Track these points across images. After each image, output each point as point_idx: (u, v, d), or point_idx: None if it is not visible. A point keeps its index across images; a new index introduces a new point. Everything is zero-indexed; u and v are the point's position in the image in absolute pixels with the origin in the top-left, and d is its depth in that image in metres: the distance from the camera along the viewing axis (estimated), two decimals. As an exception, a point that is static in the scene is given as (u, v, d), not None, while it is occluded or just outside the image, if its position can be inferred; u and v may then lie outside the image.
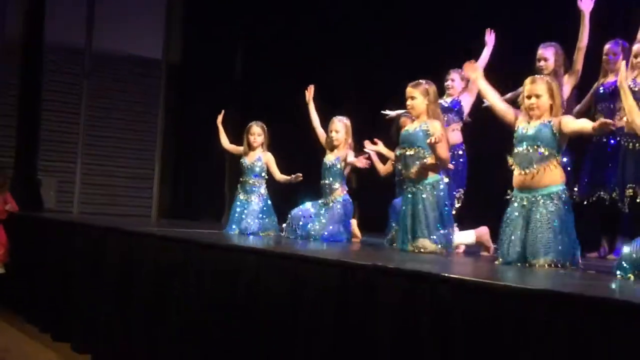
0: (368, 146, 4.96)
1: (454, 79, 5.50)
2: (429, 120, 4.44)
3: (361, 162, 5.15)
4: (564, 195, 3.69)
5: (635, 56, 4.93)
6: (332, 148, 5.41)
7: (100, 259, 5.12)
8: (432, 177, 4.39)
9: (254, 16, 9.13)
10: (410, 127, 4.54)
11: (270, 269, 3.54)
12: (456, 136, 5.40)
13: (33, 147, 8.69)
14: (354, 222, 5.65)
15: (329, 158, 5.40)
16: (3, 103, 8.71)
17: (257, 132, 5.74)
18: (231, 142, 5.98)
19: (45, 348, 5.29)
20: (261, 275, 3.58)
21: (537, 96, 3.73)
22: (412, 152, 4.42)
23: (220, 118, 5.97)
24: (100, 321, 4.90)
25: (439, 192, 4.38)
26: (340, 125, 5.38)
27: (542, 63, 4.99)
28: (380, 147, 4.86)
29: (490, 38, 5.26)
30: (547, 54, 5.01)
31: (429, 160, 4.38)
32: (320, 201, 5.39)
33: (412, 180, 4.42)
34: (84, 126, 9.12)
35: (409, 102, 4.50)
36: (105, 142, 9.23)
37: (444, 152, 4.37)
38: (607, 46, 4.99)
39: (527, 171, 3.69)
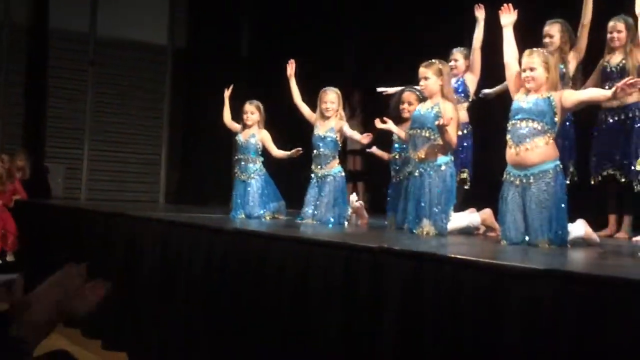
0: (378, 125, 4.92)
1: (457, 59, 5.48)
2: (442, 101, 4.42)
3: (365, 139, 5.11)
4: (557, 172, 3.67)
5: (611, 32, 4.89)
6: (324, 119, 5.38)
7: (108, 245, 5.14)
8: (440, 158, 4.38)
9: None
10: (422, 108, 4.50)
11: (278, 252, 3.55)
12: (462, 115, 5.38)
13: (40, 135, 8.72)
14: (360, 204, 5.64)
15: (322, 129, 5.35)
16: (10, 91, 8.73)
17: (250, 110, 5.73)
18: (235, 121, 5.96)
19: (56, 334, 5.31)
20: (269, 259, 3.58)
21: (532, 69, 3.71)
22: (422, 133, 4.40)
23: (228, 92, 5.95)
24: (108, 306, 4.93)
25: (447, 174, 4.36)
26: (334, 95, 5.34)
27: (547, 40, 4.98)
28: (390, 125, 4.83)
29: (480, 13, 5.24)
30: (553, 30, 4.99)
31: (439, 142, 4.36)
32: (312, 178, 5.35)
33: (421, 161, 4.40)
34: (90, 113, 9.13)
35: (422, 83, 4.46)
36: (112, 128, 9.25)
37: (452, 135, 4.34)
38: (610, 23, 4.95)
39: (520, 146, 3.67)
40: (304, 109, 5.52)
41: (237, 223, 5.01)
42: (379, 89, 5.59)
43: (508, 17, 3.99)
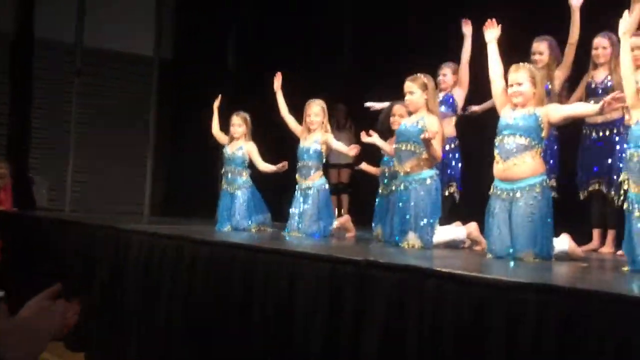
0: (364, 138, 4.94)
1: (445, 74, 5.53)
2: (426, 115, 4.44)
3: (352, 151, 5.12)
4: (543, 187, 3.69)
5: (596, 48, 4.94)
6: (309, 131, 5.36)
7: (93, 257, 5.10)
8: (425, 171, 4.39)
9: (246, 7, 9.11)
10: (407, 122, 4.52)
11: (263, 265, 3.53)
12: (450, 129, 5.41)
13: (25, 146, 8.65)
14: (347, 217, 5.64)
15: (307, 141, 5.34)
16: (-6, 101, 8.67)
17: (237, 122, 5.74)
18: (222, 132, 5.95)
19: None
20: (254, 272, 3.57)
21: (519, 84, 3.74)
22: (407, 147, 4.41)
23: (217, 102, 5.94)
24: (92, 319, 4.89)
25: (432, 187, 4.38)
26: (318, 108, 5.34)
27: (537, 56, 5.03)
28: (376, 138, 4.84)
29: (467, 28, 5.28)
30: (542, 47, 5.05)
31: (424, 156, 4.38)
32: (296, 191, 5.36)
33: (406, 175, 4.41)
34: (75, 124, 9.08)
35: (407, 97, 4.48)
36: (97, 139, 9.20)
37: (437, 149, 4.36)
38: (596, 40, 5.00)
39: (507, 161, 3.69)
40: (291, 121, 5.52)
41: (222, 235, 4.99)
42: (367, 104, 5.60)
43: (492, 33, 4.02)
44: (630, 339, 2.01)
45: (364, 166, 5.44)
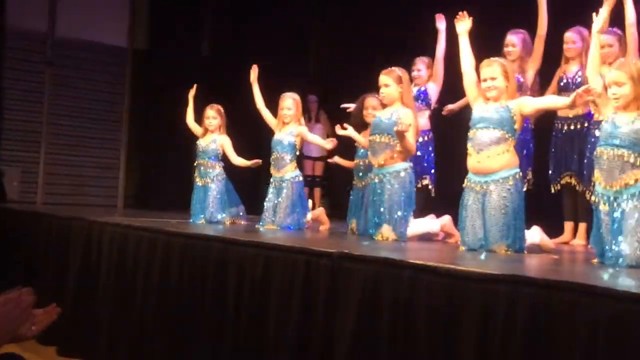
0: (338, 131, 4.95)
1: (420, 69, 5.57)
2: (401, 107, 4.45)
3: (329, 144, 5.12)
4: (516, 179, 3.73)
5: (566, 43, 5.01)
6: (283, 124, 5.36)
7: (66, 250, 5.06)
8: (399, 164, 4.41)
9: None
10: (382, 115, 4.53)
11: (237, 257, 3.53)
12: (423, 122, 5.44)
13: (-5, 137, 8.53)
14: (321, 210, 5.66)
15: (281, 133, 5.34)
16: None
17: (211, 115, 5.71)
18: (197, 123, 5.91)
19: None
20: (228, 264, 3.57)
21: (493, 78, 3.78)
22: (382, 140, 4.43)
23: (192, 92, 5.89)
24: (65, 312, 4.85)
25: (406, 180, 4.40)
26: (291, 101, 5.33)
27: (509, 49, 5.08)
28: (351, 131, 4.86)
29: (441, 23, 5.32)
30: (515, 40, 5.09)
31: (398, 148, 4.39)
32: (270, 183, 5.35)
33: (380, 167, 4.43)
34: (47, 115, 8.96)
35: (382, 90, 4.49)
36: (70, 131, 9.08)
37: (411, 141, 4.39)
38: (567, 34, 5.06)
39: (481, 154, 3.73)
40: (266, 114, 5.51)
41: (195, 227, 4.97)
42: (343, 105, 5.59)
43: (463, 25, 4.05)
44: (599, 329, 2.04)
45: (338, 160, 5.45)
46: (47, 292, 5.17)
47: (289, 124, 5.34)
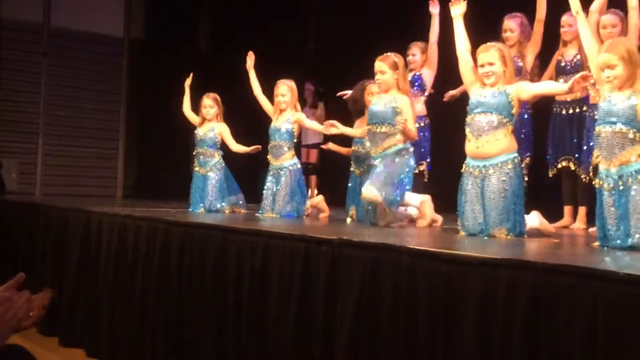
0: (328, 130, 4.93)
1: (414, 54, 5.55)
2: (398, 95, 4.44)
3: (328, 129, 5.08)
4: (515, 164, 3.73)
5: (563, 26, 4.99)
6: (280, 112, 5.35)
7: (65, 240, 5.05)
8: (397, 145, 4.40)
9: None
10: (379, 103, 4.51)
11: (237, 245, 3.53)
12: (419, 108, 5.43)
13: (-8, 129, 8.52)
14: (321, 198, 5.65)
15: (278, 121, 5.32)
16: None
17: (208, 104, 5.69)
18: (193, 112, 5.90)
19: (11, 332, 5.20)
20: (228, 252, 3.56)
21: (490, 64, 3.77)
22: (382, 130, 4.42)
23: (188, 81, 5.87)
24: (65, 303, 4.86)
25: (403, 158, 4.38)
26: (286, 88, 5.31)
27: (507, 34, 5.05)
28: (342, 128, 4.85)
29: (434, 7, 5.30)
30: (513, 25, 5.08)
31: (398, 137, 4.38)
32: (269, 172, 5.33)
33: (381, 152, 4.41)
34: (44, 105, 8.95)
35: (378, 77, 4.47)
36: (67, 121, 9.07)
37: (412, 129, 4.39)
38: (563, 18, 5.04)
39: (480, 139, 3.73)
40: (264, 101, 5.49)
41: (195, 216, 4.96)
42: (339, 94, 5.57)
43: (458, 8, 4.02)
44: (599, 312, 2.04)
45: (332, 146, 5.43)
46: (46, 283, 5.18)
47: (286, 111, 5.33)
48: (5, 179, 8.43)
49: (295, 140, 5.38)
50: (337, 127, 4.83)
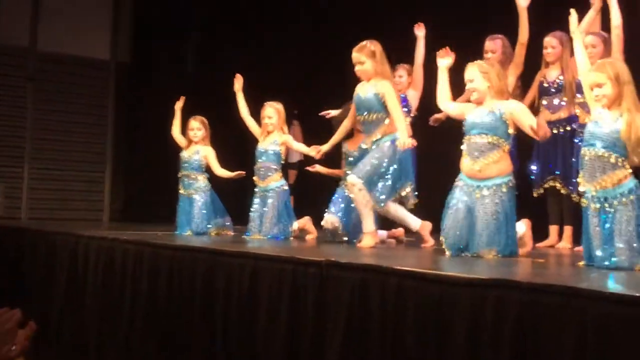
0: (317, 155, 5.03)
1: (401, 75, 5.58)
2: (378, 80, 4.44)
3: (314, 152, 5.09)
4: (510, 186, 3.75)
5: (545, 47, 5.04)
6: (267, 133, 5.38)
7: (52, 265, 5.02)
8: (389, 135, 4.42)
9: (205, 8, 9.04)
10: (362, 92, 4.51)
11: (224, 268, 3.52)
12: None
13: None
14: (308, 219, 5.64)
15: (265, 142, 5.35)
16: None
17: (196, 126, 5.71)
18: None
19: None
20: (216, 275, 3.56)
21: (470, 80, 3.82)
22: (371, 118, 4.44)
23: (179, 104, 5.89)
24: (52, 327, 4.82)
25: (394, 148, 4.39)
26: (272, 110, 5.35)
27: (489, 55, 5.10)
28: (321, 169, 4.96)
29: (420, 30, 5.35)
30: (494, 46, 5.13)
31: (388, 121, 4.41)
32: (256, 190, 5.34)
33: (373, 142, 4.42)
34: (30, 129, 8.91)
35: (357, 68, 4.46)
36: (54, 145, 9.03)
37: (400, 118, 4.38)
38: (545, 39, 5.10)
39: (477, 160, 3.73)
40: (251, 123, 5.51)
41: (182, 239, 4.95)
42: (322, 113, 5.59)
43: (446, 60, 4.07)
44: (587, 332, 2.06)
45: (320, 169, 5.44)
46: (34, 307, 5.13)
47: (273, 133, 5.35)
48: (-10, 203, 8.38)
49: (282, 162, 5.39)
50: (322, 151, 4.87)
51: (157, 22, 9.14)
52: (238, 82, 5.56)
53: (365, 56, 4.44)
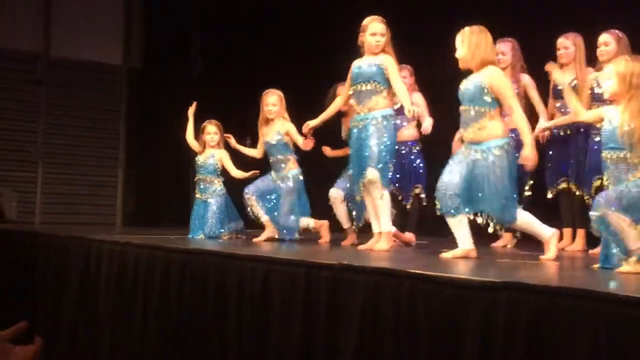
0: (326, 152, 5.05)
1: (404, 76, 5.55)
2: (382, 55, 4.44)
3: (307, 146, 5.08)
4: (506, 149, 3.74)
5: (558, 49, 5.03)
6: (268, 123, 5.41)
7: (64, 269, 5.05)
8: (383, 110, 4.41)
9: (215, 15, 9.06)
10: (362, 64, 4.49)
11: (237, 271, 3.53)
12: (411, 132, 5.46)
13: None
14: (325, 223, 5.56)
15: (269, 135, 5.40)
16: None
17: (212, 131, 5.75)
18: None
19: (9, 358, 5.17)
20: (229, 278, 3.56)
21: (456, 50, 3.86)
22: (367, 87, 4.42)
23: (192, 109, 5.92)
24: (65, 331, 4.84)
25: (388, 125, 4.39)
26: (275, 97, 5.39)
27: (499, 57, 5.08)
28: (312, 124, 4.94)
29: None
30: (504, 48, 5.12)
31: (384, 94, 4.41)
32: (271, 177, 5.41)
33: (366, 113, 4.40)
34: (43, 134, 8.97)
35: (376, 40, 4.42)
36: (66, 150, 9.08)
37: (403, 91, 4.39)
38: (558, 40, 5.08)
39: (468, 129, 3.79)
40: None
41: (194, 243, 4.96)
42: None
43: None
44: (601, 334, 2.04)
45: (329, 151, 5.46)
46: (47, 312, 5.16)
47: (275, 121, 5.38)
48: (4, 208, 8.42)
49: (292, 150, 5.41)
50: (310, 125, 4.82)
51: (168, 27, 9.18)
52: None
53: (386, 31, 4.45)
